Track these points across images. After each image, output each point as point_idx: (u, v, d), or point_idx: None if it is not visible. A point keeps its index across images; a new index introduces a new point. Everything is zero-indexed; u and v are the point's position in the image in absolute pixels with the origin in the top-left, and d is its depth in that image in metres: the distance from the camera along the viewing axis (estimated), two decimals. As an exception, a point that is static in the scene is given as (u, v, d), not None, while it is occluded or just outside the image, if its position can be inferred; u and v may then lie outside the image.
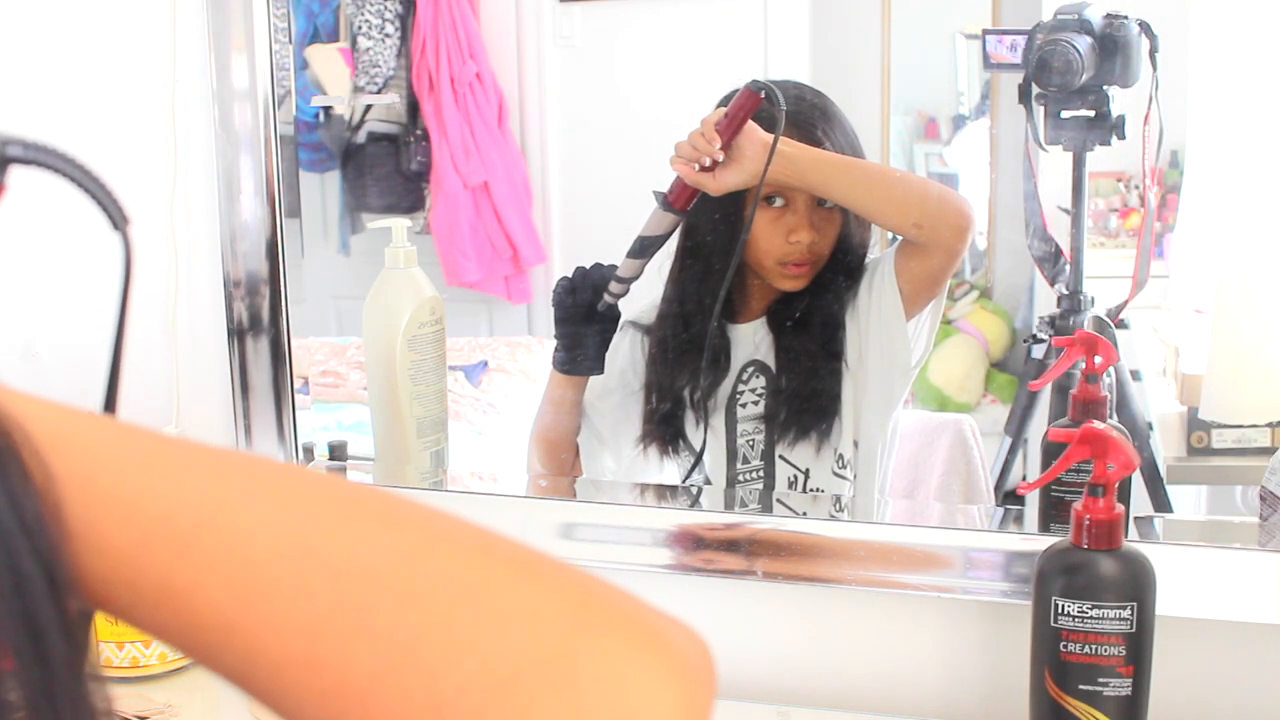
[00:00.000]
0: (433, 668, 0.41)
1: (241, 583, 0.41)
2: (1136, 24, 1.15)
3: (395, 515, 0.44)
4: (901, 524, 1.20)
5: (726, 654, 1.25)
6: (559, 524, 1.23)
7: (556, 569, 0.44)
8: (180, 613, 0.42)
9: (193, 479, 0.43)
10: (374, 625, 0.41)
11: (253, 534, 0.42)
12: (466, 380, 1.46)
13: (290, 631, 0.41)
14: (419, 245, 1.29)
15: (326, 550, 0.42)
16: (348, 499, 0.44)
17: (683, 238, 1.27)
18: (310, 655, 0.41)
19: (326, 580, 0.41)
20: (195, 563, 0.41)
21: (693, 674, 0.43)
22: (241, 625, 0.41)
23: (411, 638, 0.41)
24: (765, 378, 1.28)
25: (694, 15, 1.38)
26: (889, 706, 1.17)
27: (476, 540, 0.44)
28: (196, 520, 0.42)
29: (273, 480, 0.44)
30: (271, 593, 0.41)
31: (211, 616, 0.41)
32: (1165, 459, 1.23)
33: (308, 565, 0.41)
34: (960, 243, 1.24)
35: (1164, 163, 1.21)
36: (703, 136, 1.19)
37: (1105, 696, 0.97)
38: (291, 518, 0.42)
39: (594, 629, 0.42)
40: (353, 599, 0.41)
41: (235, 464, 0.44)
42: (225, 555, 0.41)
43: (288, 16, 1.25)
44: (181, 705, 1.18)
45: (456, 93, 1.43)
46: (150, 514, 0.41)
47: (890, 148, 1.35)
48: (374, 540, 0.43)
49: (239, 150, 1.25)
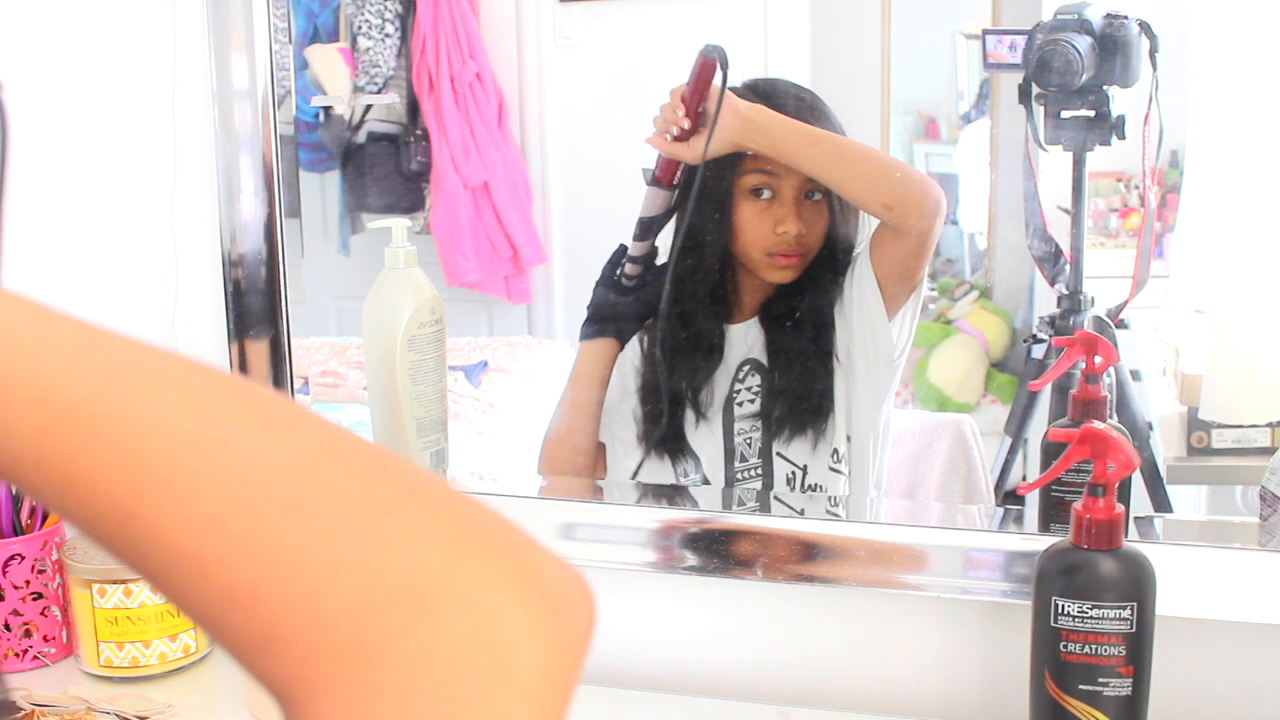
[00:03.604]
0: (314, 582, 0.41)
1: (138, 475, 0.42)
2: (1136, 24, 1.15)
3: (295, 424, 0.45)
4: (901, 524, 1.20)
5: (727, 654, 1.26)
6: (559, 524, 1.23)
7: (444, 493, 0.45)
8: (82, 500, 0.43)
9: (104, 369, 0.43)
10: (261, 531, 0.42)
11: (153, 428, 0.42)
12: (466, 380, 1.46)
13: (182, 528, 0.42)
14: (419, 245, 1.29)
15: (222, 451, 0.43)
16: (252, 403, 0.45)
17: (678, 237, 1.28)
18: (201, 553, 0.42)
19: (218, 481, 0.42)
20: (97, 452, 0.42)
21: (568, 615, 0.43)
22: (139, 516, 0.42)
23: (296, 548, 0.41)
24: (760, 376, 1.28)
25: (694, 15, 1.38)
26: (889, 706, 1.17)
27: (369, 458, 0.45)
28: (101, 410, 0.42)
29: (182, 377, 0.44)
30: (165, 488, 0.42)
31: (110, 505, 0.42)
32: (1165, 459, 1.23)
33: (202, 464, 0.42)
34: (929, 225, 1.24)
35: (1164, 163, 1.21)
36: (669, 106, 1.22)
37: (1105, 696, 0.97)
38: (194, 416, 0.43)
39: (473, 558, 0.43)
40: (242, 502, 0.42)
41: (150, 358, 0.45)
42: (124, 447, 0.42)
43: (288, 16, 1.25)
44: (181, 705, 1.18)
45: (456, 93, 1.43)
46: (58, 399, 0.42)
47: (890, 148, 1.35)
48: (269, 446, 0.43)
49: (239, 150, 1.25)
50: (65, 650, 1.28)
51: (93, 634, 1.21)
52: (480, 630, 0.41)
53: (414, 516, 0.43)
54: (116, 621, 1.20)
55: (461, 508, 0.44)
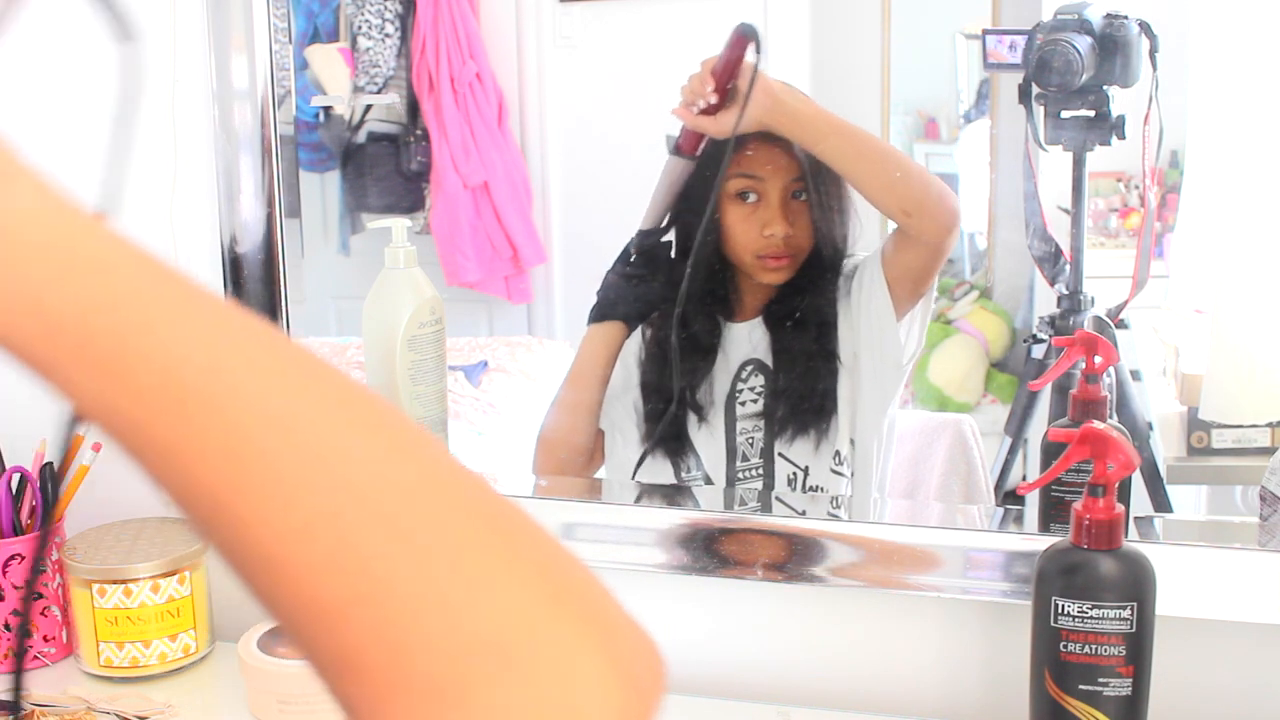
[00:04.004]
0: (402, 614, 0.40)
1: (237, 466, 0.40)
2: (1136, 24, 1.15)
3: (410, 445, 0.43)
4: (901, 524, 1.20)
5: (727, 654, 1.26)
6: (559, 524, 1.23)
7: (541, 540, 0.44)
8: (178, 476, 0.41)
9: (220, 348, 0.41)
10: (355, 551, 0.40)
11: (260, 421, 0.41)
12: (466, 380, 1.46)
13: (272, 531, 0.41)
14: (419, 245, 1.29)
15: (330, 460, 0.41)
16: (369, 413, 0.43)
17: (677, 239, 1.28)
18: (287, 561, 0.40)
19: (319, 490, 0.41)
20: (199, 431, 0.40)
21: (641, 687, 0.43)
22: (230, 508, 0.41)
23: (388, 576, 0.40)
24: (764, 376, 1.29)
25: (694, 15, 1.38)
26: (889, 706, 1.17)
27: (473, 490, 0.43)
28: (210, 391, 0.41)
29: (300, 372, 0.43)
30: (263, 486, 0.40)
31: (205, 491, 0.41)
32: (1165, 459, 1.23)
33: (306, 469, 0.41)
34: (946, 240, 1.24)
35: (1164, 163, 1.21)
36: (698, 78, 1.22)
37: (1105, 696, 0.97)
38: (306, 416, 0.41)
39: (563, 620, 0.42)
40: (341, 517, 0.40)
41: (270, 345, 0.43)
42: (228, 434, 0.41)
43: (288, 16, 1.25)
44: (181, 705, 1.18)
45: (456, 93, 1.43)
46: (171, 375, 0.40)
47: (890, 148, 1.35)
48: (380, 464, 0.42)
49: (239, 150, 1.25)
50: (65, 650, 1.28)
51: (93, 634, 1.21)
52: (558, 694, 0.41)
53: (510, 563, 0.42)
54: (116, 621, 1.20)
55: (556, 558, 0.43)
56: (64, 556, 1.23)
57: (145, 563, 1.21)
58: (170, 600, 1.22)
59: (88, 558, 1.22)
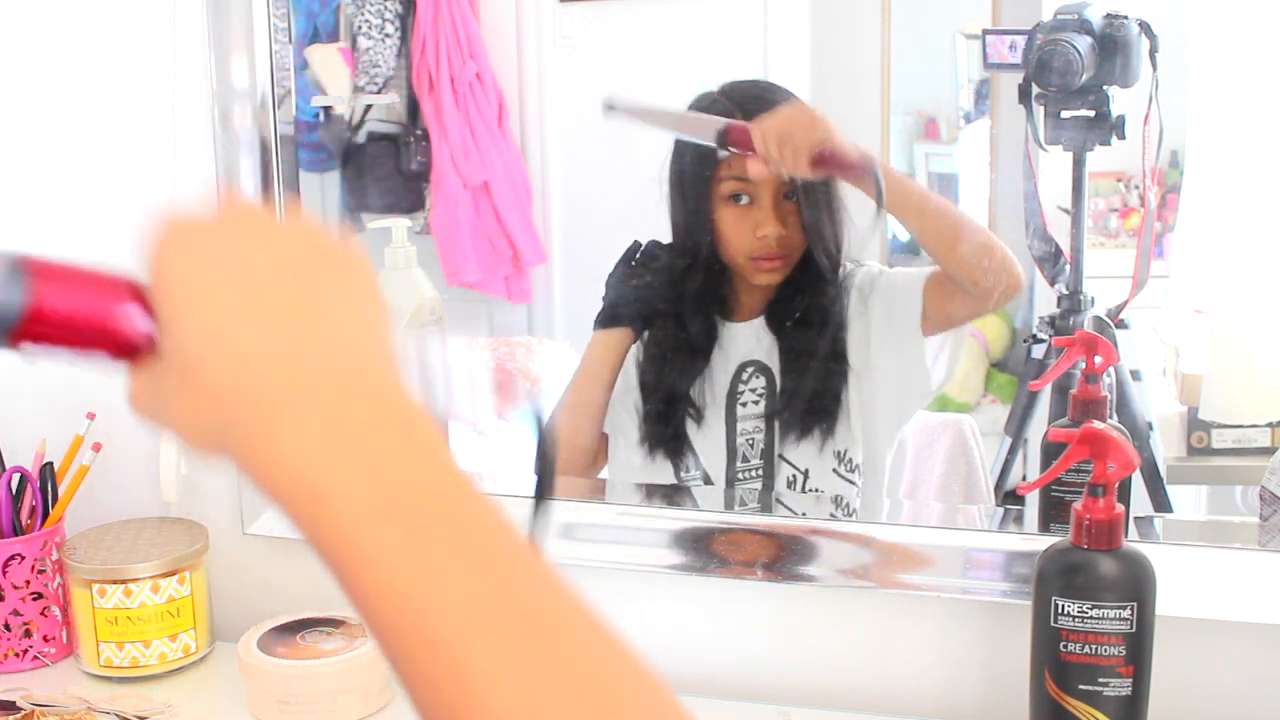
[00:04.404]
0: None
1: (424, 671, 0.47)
2: (1136, 24, 1.15)
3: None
4: (901, 524, 1.20)
5: (727, 654, 1.26)
6: (559, 524, 1.23)
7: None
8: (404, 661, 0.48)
9: (431, 558, 0.50)
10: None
11: (453, 639, 0.47)
12: (466, 380, 1.46)
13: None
14: (419, 245, 1.29)
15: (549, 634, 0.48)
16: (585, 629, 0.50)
17: (675, 238, 1.28)
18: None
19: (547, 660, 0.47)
20: (394, 628, 0.48)
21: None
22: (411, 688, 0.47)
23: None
24: (766, 377, 1.29)
25: (694, 15, 1.38)
26: (889, 706, 1.17)
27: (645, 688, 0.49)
28: (408, 590, 0.48)
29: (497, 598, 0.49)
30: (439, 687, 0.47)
31: (439, 653, 0.47)
32: (1165, 459, 1.23)
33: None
34: (1003, 305, 1.27)
35: (1164, 163, 1.21)
36: (793, 159, 1.20)
37: (1105, 696, 0.97)
38: (485, 636, 0.47)
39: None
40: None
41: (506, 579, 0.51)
42: (423, 657, 0.48)
43: (288, 16, 1.25)
44: (181, 705, 1.18)
45: (456, 93, 1.43)
46: (377, 573, 0.49)
47: (890, 148, 1.36)
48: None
49: (239, 150, 1.25)
50: (65, 650, 1.28)
51: (93, 634, 1.21)
52: None
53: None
54: (116, 621, 1.20)
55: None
56: (64, 556, 1.23)
57: (145, 563, 1.21)
58: (170, 600, 1.22)
59: (88, 558, 1.22)
